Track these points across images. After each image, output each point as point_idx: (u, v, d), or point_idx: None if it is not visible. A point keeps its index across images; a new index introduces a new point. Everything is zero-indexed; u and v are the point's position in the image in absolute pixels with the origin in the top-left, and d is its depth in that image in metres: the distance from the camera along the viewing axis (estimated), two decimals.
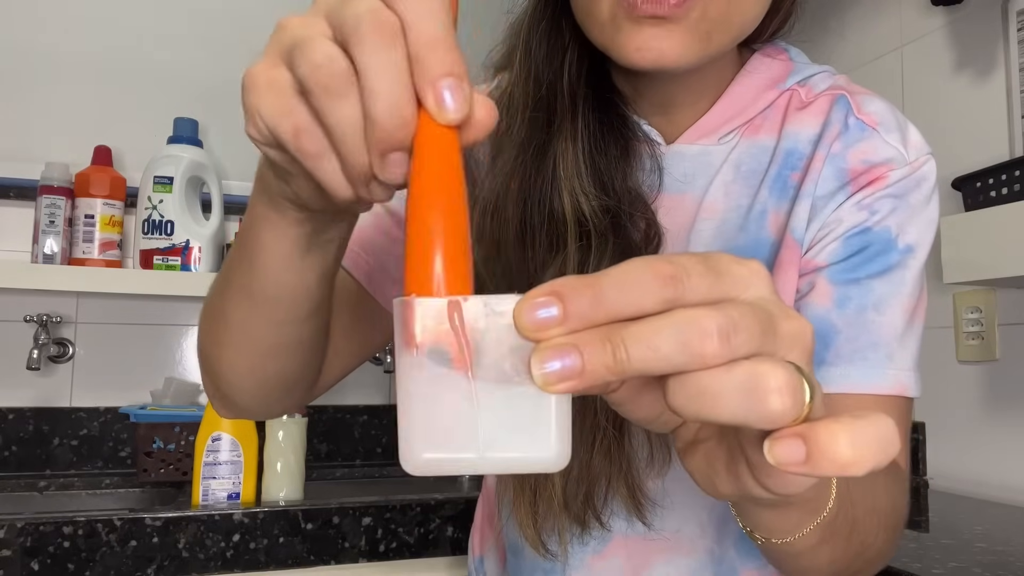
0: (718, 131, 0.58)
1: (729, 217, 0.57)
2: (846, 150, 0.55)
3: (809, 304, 0.54)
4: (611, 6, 0.50)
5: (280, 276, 0.42)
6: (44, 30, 1.56)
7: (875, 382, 0.52)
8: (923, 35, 1.45)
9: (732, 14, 0.51)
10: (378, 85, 0.28)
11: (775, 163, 0.57)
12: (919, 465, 1.40)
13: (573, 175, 0.54)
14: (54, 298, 1.51)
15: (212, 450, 1.19)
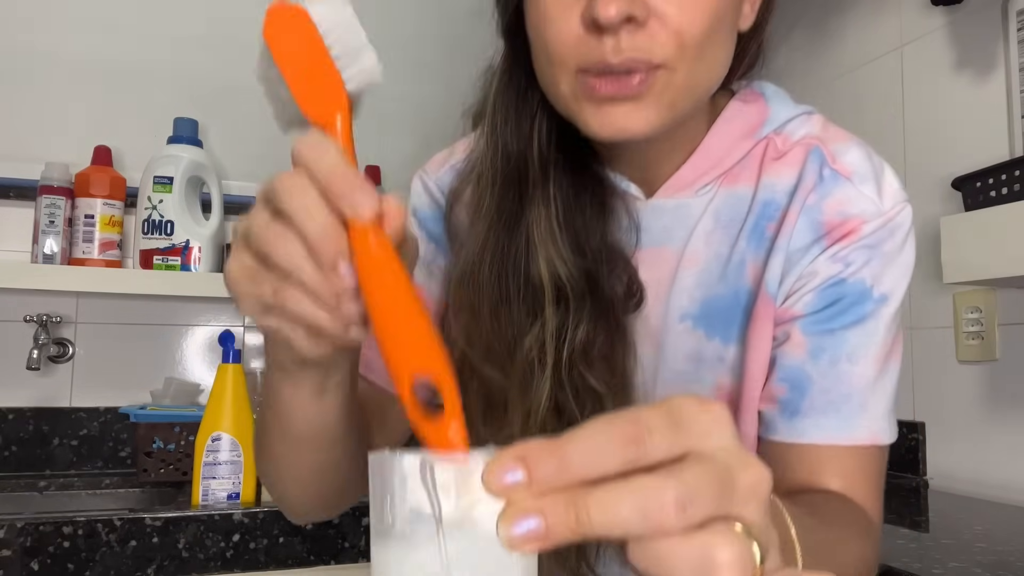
0: (695, 184, 0.58)
1: (710, 267, 0.57)
2: (821, 201, 0.55)
3: (785, 354, 0.55)
4: (571, 86, 0.51)
5: (304, 419, 0.47)
6: (44, 30, 1.56)
7: (849, 433, 0.53)
8: (923, 35, 1.45)
9: (696, 82, 0.51)
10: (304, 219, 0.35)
11: (752, 213, 0.57)
12: (919, 465, 1.40)
13: (548, 240, 0.55)
14: (54, 298, 1.51)
15: (212, 450, 1.19)
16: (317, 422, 0.48)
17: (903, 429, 1.44)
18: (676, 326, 0.57)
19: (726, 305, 0.56)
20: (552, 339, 0.54)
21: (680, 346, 0.57)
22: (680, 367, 0.58)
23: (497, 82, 0.60)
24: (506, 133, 0.58)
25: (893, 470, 1.45)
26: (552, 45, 0.50)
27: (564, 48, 0.50)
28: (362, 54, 0.41)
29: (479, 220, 0.58)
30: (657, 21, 0.48)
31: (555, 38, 0.50)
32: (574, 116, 0.52)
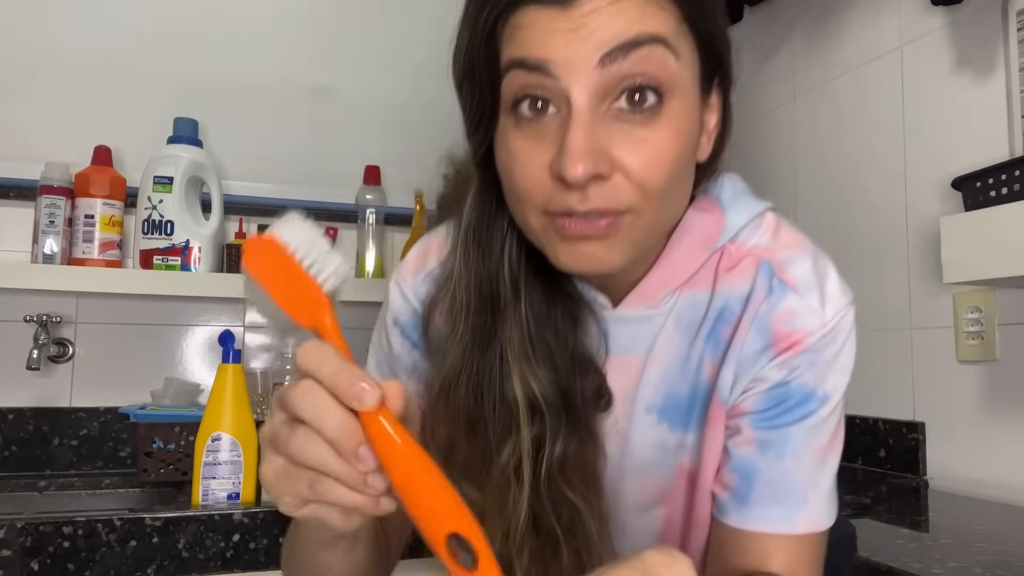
0: (658, 294, 0.62)
1: (673, 365, 0.62)
2: (770, 311, 0.60)
3: (736, 446, 0.60)
4: (540, 222, 0.53)
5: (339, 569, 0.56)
6: (44, 30, 1.56)
7: (791, 525, 0.59)
8: (923, 35, 1.45)
9: (659, 221, 0.55)
10: (322, 420, 0.41)
11: (708, 319, 0.61)
12: (919, 465, 1.40)
13: (521, 359, 0.58)
14: (54, 298, 1.51)
15: (212, 450, 1.19)
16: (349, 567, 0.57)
17: (903, 429, 1.44)
18: (643, 418, 0.62)
19: (686, 400, 0.62)
20: (529, 456, 0.58)
21: (646, 436, 0.63)
22: (647, 454, 0.63)
23: (470, 204, 0.62)
24: (479, 261, 0.61)
25: (893, 470, 1.45)
26: (521, 187, 0.53)
27: (532, 191, 0.53)
28: (329, 258, 0.45)
29: (454, 343, 0.61)
30: (621, 174, 0.51)
31: (523, 182, 0.53)
32: (544, 248, 0.55)
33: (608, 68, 0.49)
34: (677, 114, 0.52)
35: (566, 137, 0.49)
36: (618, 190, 0.51)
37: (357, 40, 1.77)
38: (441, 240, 0.67)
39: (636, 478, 0.63)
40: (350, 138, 1.73)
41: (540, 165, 0.52)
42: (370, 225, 1.64)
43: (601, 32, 0.49)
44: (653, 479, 0.63)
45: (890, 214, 1.51)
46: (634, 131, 0.51)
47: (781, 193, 1.84)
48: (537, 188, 0.52)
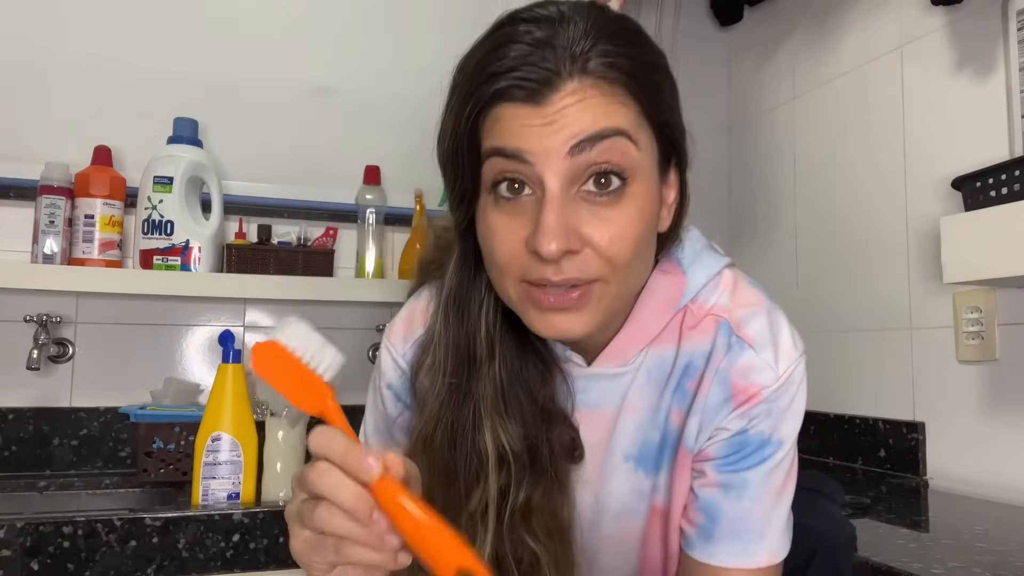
0: (627, 353, 0.67)
1: (645, 416, 0.68)
2: (729, 367, 0.66)
3: (701, 488, 0.67)
4: (517, 291, 0.59)
5: None
6: (44, 30, 1.56)
7: (750, 559, 0.65)
8: (923, 35, 1.45)
9: (626, 289, 0.61)
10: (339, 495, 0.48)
11: (675, 374, 0.68)
12: (919, 465, 1.40)
13: (492, 414, 0.64)
14: (54, 298, 1.51)
15: (212, 450, 1.19)
16: None
17: (903, 429, 1.44)
18: (621, 466, 0.68)
19: (657, 447, 0.68)
20: (494, 502, 0.63)
21: (623, 484, 0.69)
22: (624, 500, 0.69)
23: (450, 276, 0.68)
24: (457, 323, 0.67)
25: (893, 470, 1.46)
26: (500, 259, 0.59)
27: (511, 264, 0.58)
28: (325, 350, 0.52)
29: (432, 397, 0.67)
30: (590, 249, 0.57)
31: (503, 255, 0.59)
32: (520, 315, 0.61)
33: (577, 157, 0.55)
34: (639, 195, 0.58)
35: (540, 217, 0.55)
36: (588, 263, 0.57)
37: (357, 40, 1.77)
38: (424, 304, 0.73)
39: (615, 523, 0.69)
40: (350, 138, 1.73)
41: (518, 240, 0.57)
42: (370, 225, 1.64)
43: (571, 127, 0.55)
44: (630, 523, 0.69)
45: (890, 214, 1.51)
46: (600, 211, 0.57)
47: (781, 193, 1.85)
48: (515, 261, 0.58)
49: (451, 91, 0.61)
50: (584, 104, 0.55)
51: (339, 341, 0.53)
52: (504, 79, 0.56)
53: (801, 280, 1.76)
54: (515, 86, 0.55)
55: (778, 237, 1.84)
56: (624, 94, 0.57)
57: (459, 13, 1.82)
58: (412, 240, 1.68)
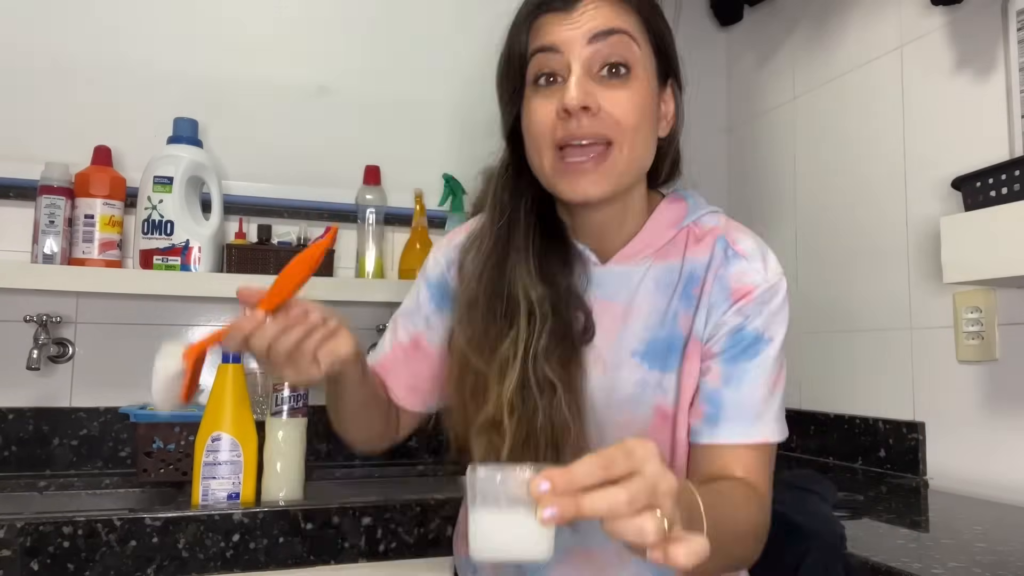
0: (635, 257, 0.83)
1: (653, 317, 0.81)
2: (727, 273, 0.81)
3: (706, 383, 0.79)
4: (551, 162, 0.77)
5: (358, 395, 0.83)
6: (44, 30, 1.56)
7: (749, 436, 0.77)
8: (923, 35, 1.45)
9: (633, 158, 0.78)
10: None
11: (681, 282, 0.82)
12: (919, 465, 1.40)
13: (524, 276, 0.79)
14: (54, 298, 1.52)
15: (212, 450, 1.19)
16: (364, 392, 0.83)
17: (903, 429, 1.44)
18: (628, 361, 0.80)
19: (664, 346, 0.80)
20: (523, 342, 0.77)
21: (630, 375, 0.80)
22: (630, 390, 0.80)
23: (499, 170, 0.86)
24: (504, 200, 0.83)
25: (893, 470, 1.46)
26: (536, 128, 0.77)
27: (544, 131, 0.77)
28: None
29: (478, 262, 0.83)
30: (605, 113, 0.75)
31: (539, 123, 0.77)
32: (553, 186, 0.78)
33: (593, 45, 0.75)
34: (641, 84, 0.77)
35: (567, 85, 0.75)
36: (603, 122, 0.75)
37: (357, 40, 1.77)
38: (468, 225, 0.91)
39: (620, 412, 0.79)
40: (350, 138, 1.73)
41: (551, 111, 0.76)
42: (370, 225, 1.64)
43: (588, 24, 0.76)
44: (635, 413, 0.79)
45: (890, 214, 1.51)
46: (612, 88, 0.76)
47: (781, 193, 1.85)
48: (548, 128, 0.76)
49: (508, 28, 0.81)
50: (598, 10, 0.76)
51: None
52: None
53: (801, 280, 1.76)
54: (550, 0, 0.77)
55: (778, 237, 1.84)
56: (629, 10, 0.78)
57: (459, 13, 1.82)
58: (412, 240, 1.68)
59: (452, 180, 1.71)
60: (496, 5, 0.88)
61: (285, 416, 1.28)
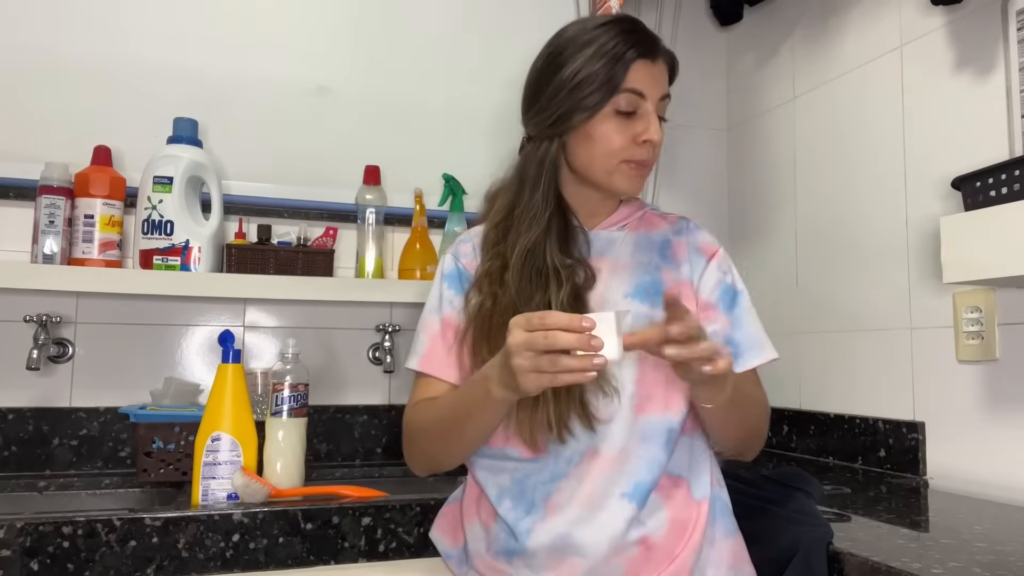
0: (615, 226, 1.07)
1: (639, 268, 1.03)
2: (695, 239, 1.07)
3: (719, 331, 1.01)
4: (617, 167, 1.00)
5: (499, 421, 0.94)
6: (44, 30, 1.56)
7: (758, 359, 1.02)
8: (923, 35, 1.45)
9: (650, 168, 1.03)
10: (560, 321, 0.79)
11: (658, 243, 1.06)
12: (919, 465, 1.40)
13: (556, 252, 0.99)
14: (54, 298, 1.52)
15: (212, 450, 1.19)
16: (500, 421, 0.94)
17: (903, 429, 1.44)
18: (623, 301, 1.01)
19: (649, 288, 1.01)
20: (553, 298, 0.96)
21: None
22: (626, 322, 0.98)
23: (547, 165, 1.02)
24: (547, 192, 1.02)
25: (893, 470, 1.45)
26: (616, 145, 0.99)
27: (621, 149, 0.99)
28: None
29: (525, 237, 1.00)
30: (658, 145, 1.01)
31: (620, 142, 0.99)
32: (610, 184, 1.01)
33: (661, 102, 1.01)
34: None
35: (650, 123, 0.98)
36: (655, 150, 1.00)
37: (357, 40, 1.77)
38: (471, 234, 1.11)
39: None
40: (350, 138, 1.73)
41: (631, 135, 0.98)
42: (370, 225, 1.64)
43: (661, 85, 1.00)
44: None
45: (890, 214, 1.51)
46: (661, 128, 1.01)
47: (781, 193, 1.85)
48: (625, 147, 0.98)
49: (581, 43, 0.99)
50: (664, 69, 1.01)
51: (339, 341, 0.53)
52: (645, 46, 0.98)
53: (801, 280, 1.76)
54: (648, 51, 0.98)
55: (778, 237, 1.84)
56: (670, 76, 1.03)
57: (459, 14, 1.82)
58: (412, 240, 1.68)
59: (452, 180, 1.71)
60: (496, 5, 0.88)
61: (285, 416, 1.28)
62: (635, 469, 0.93)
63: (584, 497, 0.92)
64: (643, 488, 0.92)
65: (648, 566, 0.91)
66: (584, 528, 0.91)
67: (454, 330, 1.03)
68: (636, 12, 2.00)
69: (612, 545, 0.90)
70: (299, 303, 1.65)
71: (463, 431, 0.95)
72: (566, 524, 0.91)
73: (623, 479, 0.92)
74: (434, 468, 1.05)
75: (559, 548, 0.91)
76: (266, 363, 1.63)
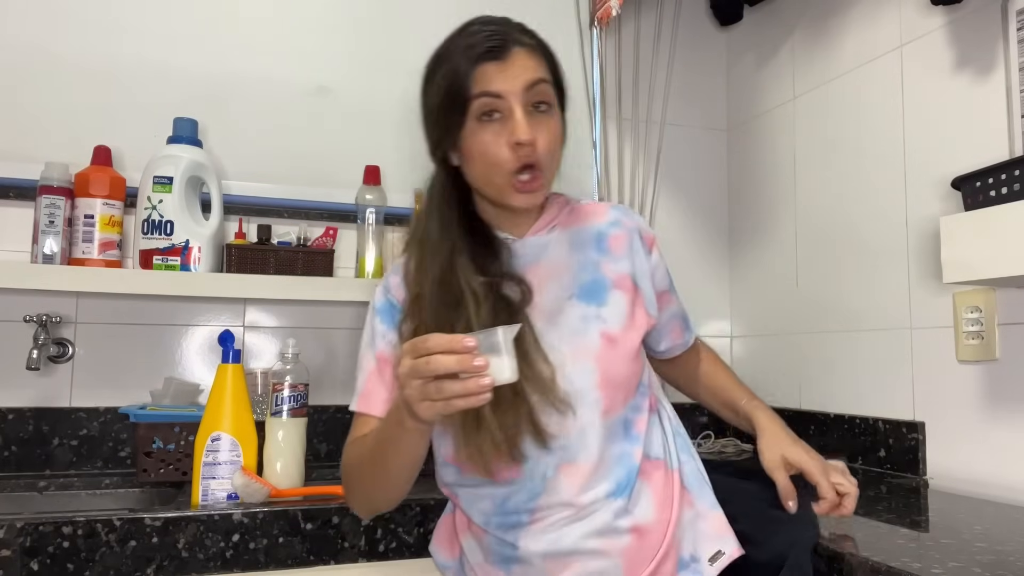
0: (544, 229, 1.04)
1: (577, 268, 1.01)
2: (634, 226, 1.07)
3: (673, 309, 1.13)
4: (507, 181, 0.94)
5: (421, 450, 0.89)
6: (44, 30, 1.56)
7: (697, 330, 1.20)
8: (923, 35, 1.45)
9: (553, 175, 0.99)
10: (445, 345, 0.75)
11: (592, 239, 1.04)
12: (919, 465, 1.40)
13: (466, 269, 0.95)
14: (54, 298, 1.52)
15: (212, 450, 1.19)
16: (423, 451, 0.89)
17: (903, 429, 1.44)
18: (566, 303, 0.98)
19: (591, 286, 1.00)
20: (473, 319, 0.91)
21: (573, 313, 0.98)
22: (576, 325, 0.98)
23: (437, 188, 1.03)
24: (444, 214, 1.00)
25: (893, 470, 1.45)
26: (494, 157, 0.93)
27: (500, 160, 0.93)
28: None
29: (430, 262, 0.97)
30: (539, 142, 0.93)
31: (496, 153, 0.93)
32: (506, 200, 0.96)
33: (527, 93, 0.93)
34: (555, 116, 0.97)
35: (514, 124, 0.92)
36: (539, 151, 0.93)
37: (357, 40, 1.77)
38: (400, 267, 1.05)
39: (571, 341, 0.96)
40: (350, 138, 1.73)
41: (504, 142, 0.93)
42: (370, 225, 1.64)
43: (522, 76, 0.93)
44: (584, 341, 0.97)
45: (890, 214, 1.51)
46: (541, 122, 0.95)
47: (781, 192, 1.85)
48: (503, 156, 0.93)
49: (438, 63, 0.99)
50: (526, 62, 0.94)
51: (338, 341, 0.53)
52: (485, 48, 0.93)
53: (801, 280, 1.76)
54: (490, 50, 0.93)
55: (778, 237, 1.84)
56: (542, 59, 0.96)
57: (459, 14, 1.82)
58: None
59: None
60: (496, 5, 0.88)
61: (285, 416, 1.28)
62: (616, 469, 0.94)
63: (568, 506, 0.92)
64: (626, 482, 0.93)
65: (641, 555, 0.92)
66: (574, 532, 0.91)
67: (389, 365, 1.00)
68: (636, 12, 2.00)
69: (604, 540, 0.91)
70: (299, 303, 1.65)
71: (387, 465, 0.91)
72: (556, 532, 0.91)
73: (605, 483, 0.93)
74: (373, 509, 1.02)
75: (552, 554, 0.91)
76: (266, 363, 1.63)
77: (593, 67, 1.94)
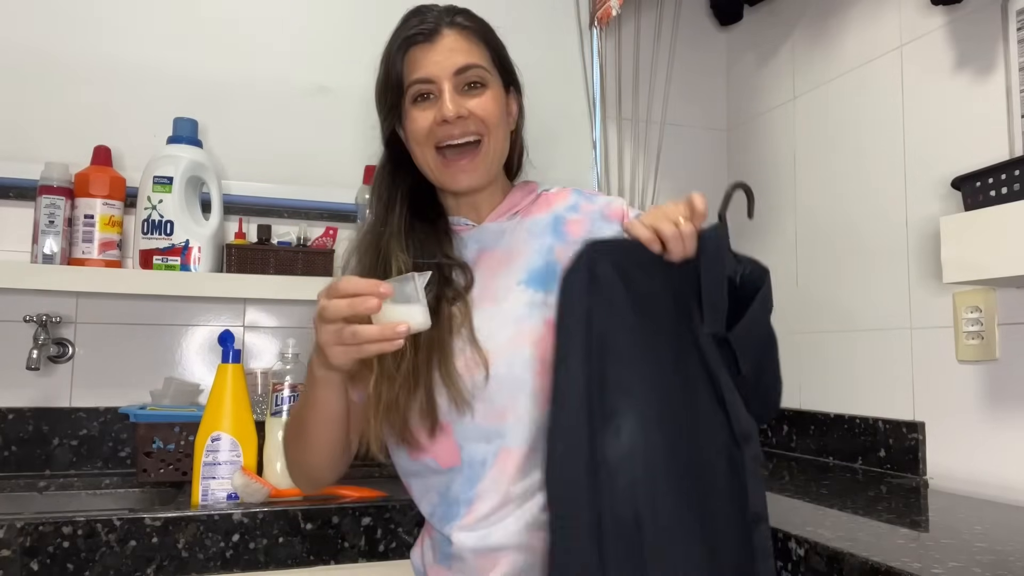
0: (504, 216, 1.04)
1: (532, 254, 1.00)
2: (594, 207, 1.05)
3: None
4: (435, 160, 0.98)
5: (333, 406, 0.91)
6: (44, 30, 1.56)
7: None
8: (923, 35, 1.45)
9: (495, 150, 1.00)
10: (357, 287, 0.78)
11: (549, 226, 1.03)
12: (919, 465, 1.40)
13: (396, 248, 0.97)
14: (54, 298, 1.52)
15: (212, 450, 1.19)
16: (338, 407, 0.91)
17: (903, 429, 1.44)
18: (515, 288, 0.97)
19: (542, 272, 0.98)
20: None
21: (519, 299, 0.97)
22: (521, 311, 0.96)
23: (378, 169, 1.05)
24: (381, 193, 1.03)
25: (893, 470, 1.45)
26: (420, 132, 0.97)
27: (427, 134, 0.96)
28: None
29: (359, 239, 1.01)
30: (474, 115, 0.96)
31: (422, 129, 0.96)
32: (440, 180, 0.99)
33: (457, 77, 0.96)
34: (493, 92, 0.99)
35: (441, 101, 0.95)
36: (473, 123, 0.96)
37: (357, 40, 1.77)
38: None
39: (515, 328, 0.95)
40: (350, 138, 1.74)
41: (431, 119, 0.96)
42: None
43: (451, 60, 0.96)
44: (526, 326, 0.95)
45: (890, 214, 1.51)
46: (474, 96, 0.97)
47: (781, 192, 1.85)
48: (430, 132, 0.96)
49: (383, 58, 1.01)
50: (456, 43, 0.97)
51: None
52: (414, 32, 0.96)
53: (801, 280, 1.76)
54: (419, 34, 0.96)
55: (778, 237, 1.84)
56: (477, 40, 0.98)
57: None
58: None
59: None
60: (496, 5, 0.88)
61: (285, 416, 1.28)
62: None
63: (505, 495, 0.91)
64: None
65: None
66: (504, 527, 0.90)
67: None
68: (636, 12, 2.00)
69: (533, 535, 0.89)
70: (299, 303, 1.65)
71: (306, 423, 0.93)
72: (486, 528, 0.90)
73: (538, 471, 0.90)
74: (307, 478, 1.01)
75: (481, 550, 0.90)
76: (266, 363, 1.63)
77: (593, 67, 1.95)
